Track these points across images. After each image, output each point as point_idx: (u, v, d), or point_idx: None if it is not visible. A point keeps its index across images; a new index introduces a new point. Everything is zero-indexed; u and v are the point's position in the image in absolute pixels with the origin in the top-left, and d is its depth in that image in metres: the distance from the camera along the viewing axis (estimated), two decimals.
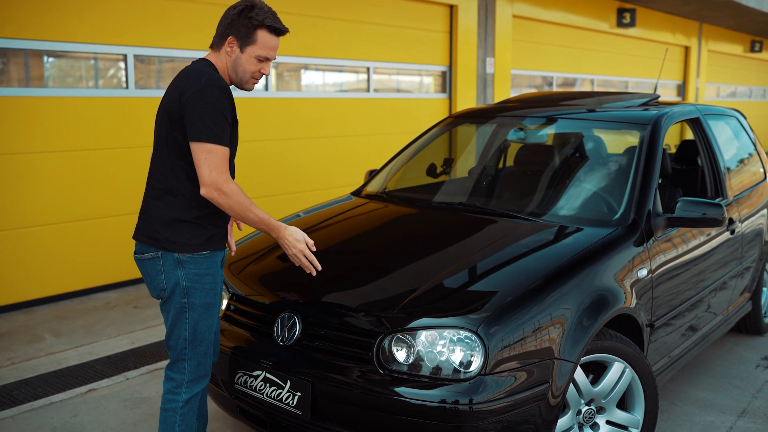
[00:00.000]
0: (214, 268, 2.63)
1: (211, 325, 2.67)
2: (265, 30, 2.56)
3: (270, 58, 2.59)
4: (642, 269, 3.18)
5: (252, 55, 2.57)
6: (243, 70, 2.59)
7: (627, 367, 2.94)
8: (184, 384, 2.66)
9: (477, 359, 2.51)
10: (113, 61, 5.82)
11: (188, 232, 2.55)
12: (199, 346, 2.65)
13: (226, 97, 2.47)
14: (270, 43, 2.58)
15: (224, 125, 2.45)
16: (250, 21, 2.53)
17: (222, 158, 2.44)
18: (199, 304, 2.60)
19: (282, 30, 2.61)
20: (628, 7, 12.45)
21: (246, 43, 2.56)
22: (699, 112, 4.33)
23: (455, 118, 4.63)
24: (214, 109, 2.43)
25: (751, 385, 4.08)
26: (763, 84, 20.67)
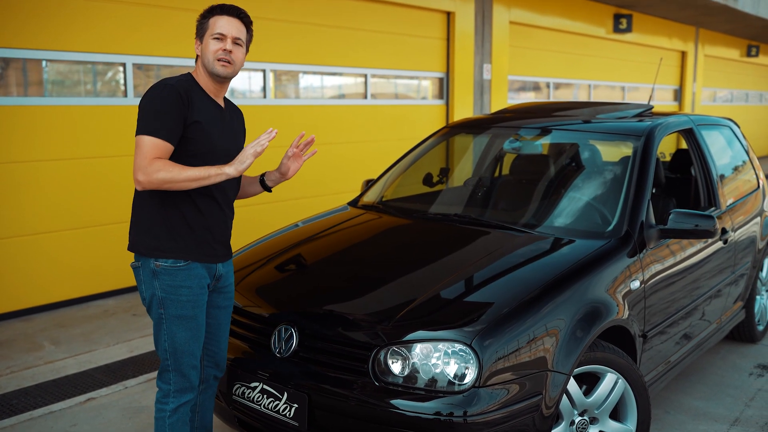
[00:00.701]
0: (192, 281, 2.63)
1: (193, 337, 2.66)
2: (215, 15, 2.67)
3: (225, 33, 2.63)
4: (634, 280, 3.22)
5: (209, 38, 2.65)
6: (205, 55, 2.64)
7: (619, 378, 2.98)
8: (171, 394, 2.71)
9: (471, 372, 2.55)
10: (112, 70, 5.86)
11: (162, 236, 2.60)
12: (180, 358, 2.67)
13: (169, 92, 2.52)
14: (220, 21, 2.65)
15: (162, 118, 2.49)
16: (202, 16, 2.68)
17: (151, 147, 2.47)
18: (174, 315, 2.62)
19: (230, 8, 2.68)
20: (624, 12, 12.50)
21: (203, 33, 2.67)
22: (692, 122, 4.38)
23: (451, 128, 4.67)
24: (150, 104, 2.52)
25: (744, 394, 4.12)
26: (759, 88, 20.75)
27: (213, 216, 2.68)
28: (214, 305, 2.81)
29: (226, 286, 2.83)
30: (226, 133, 2.73)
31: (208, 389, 2.92)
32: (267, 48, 6.90)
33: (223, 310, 2.85)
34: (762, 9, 14.07)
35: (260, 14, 6.76)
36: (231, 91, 6.84)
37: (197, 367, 2.73)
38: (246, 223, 6.61)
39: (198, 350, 2.71)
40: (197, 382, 2.75)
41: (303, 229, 3.83)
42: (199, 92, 2.65)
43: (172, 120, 2.50)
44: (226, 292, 2.84)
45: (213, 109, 2.68)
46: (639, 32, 13.30)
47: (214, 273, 2.74)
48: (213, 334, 2.84)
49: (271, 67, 7.03)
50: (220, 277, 2.77)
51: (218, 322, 2.84)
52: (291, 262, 3.43)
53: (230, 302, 2.88)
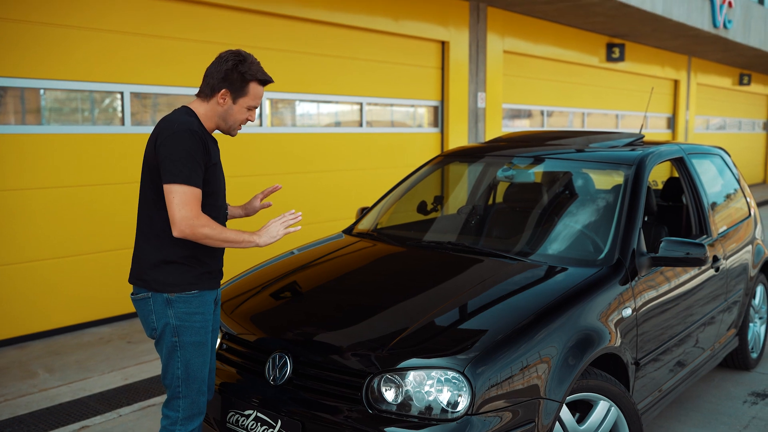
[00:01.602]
0: (204, 307, 2.72)
1: (204, 362, 2.74)
2: (256, 83, 2.72)
3: (257, 106, 2.77)
4: (626, 308, 3.24)
5: (243, 105, 2.73)
6: (234, 119, 2.75)
7: (612, 406, 2.99)
8: (179, 421, 2.73)
9: (464, 399, 2.56)
10: (110, 98, 5.92)
11: (176, 272, 2.66)
12: (192, 384, 2.72)
13: (196, 140, 2.59)
14: (259, 93, 2.75)
15: (194, 167, 2.56)
16: (243, 75, 2.68)
17: (192, 198, 2.55)
18: (190, 342, 2.68)
19: (269, 81, 2.78)
20: (617, 42, 12.67)
21: (239, 95, 2.71)
22: (683, 151, 4.43)
23: (445, 157, 4.72)
24: (182, 152, 2.55)
25: (738, 422, 4.13)
26: (752, 116, 20.95)
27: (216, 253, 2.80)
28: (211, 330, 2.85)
29: (216, 309, 2.90)
30: (222, 173, 2.83)
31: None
32: None
33: (214, 333, 2.89)
34: (752, 38, 14.28)
35: (257, 43, 6.85)
36: None
37: (205, 392, 2.79)
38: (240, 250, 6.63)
39: (206, 375, 2.78)
40: (205, 407, 2.80)
41: (298, 257, 3.86)
42: (208, 134, 2.74)
43: (200, 167, 2.60)
44: (217, 314, 2.92)
45: (217, 148, 2.79)
46: (632, 61, 13.47)
47: (215, 298, 2.84)
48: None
49: (267, 96, 7.10)
50: (217, 301, 2.87)
51: (212, 345, 2.89)
52: (286, 290, 3.46)
53: (217, 326, 2.94)
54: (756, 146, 21.35)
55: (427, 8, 8.66)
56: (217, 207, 2.76)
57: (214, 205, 2.74)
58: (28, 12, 5.27)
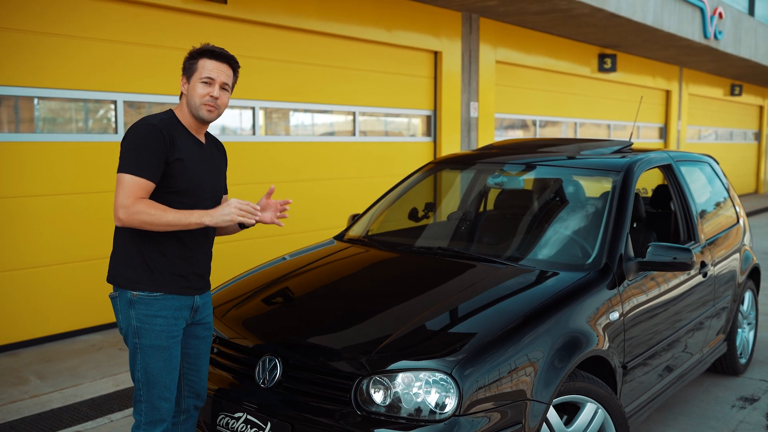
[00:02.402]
0: (167, 311, 2.67)
1: (166, 368, 2.68)
2: (204, 58, 2.71)
3: (213, 78, 2.70)
4: (614, 312, 3.28)
5: (197, 81, 2.70)
6: (192, 97, 2.70)
7: (599, 408, 3.02)
8: (142, 425, 2.72)
9: (451, 401, 2.59)
10: (103, 107, 5.95)
11: (140, 269, 2.65)
12: (152, 389, 2.68)
13: (152, 131, 2.58)
14: (209, 65, 2.70)
15: (143, 158, 2.55)
16: (191, 56, 2.73)
17: (133, 186, 2.53)
18: (149, 345, 2.65)
19: (221, 54, 2.73)
20: (608, 52, 12.78)
21: (190, 74, 2.72)
22: (671, 158, 4.49)
23: (436, 164, 4.76)
24: (132, 144, 2.57)
25: (725, 426, 4.16)
26: (743, 126, 21.10)
27: (193, 248, 2.74)
28: (193, 335, 2.84)
29: (205, 317, 2.87)
30: (207, 169, 2.79)
31: (189, 419, 2.93)
32: (257, 86, 7.02)
33: (202, 341, 2.87)
34: (743, 49, 14.40)
35: (250, 53, 6.90)
36: (221, 127, 6.94)
37: (169, 399, 2.72)
38: (234, 258, 6.66)
39: (171, 383, 2.71)
40: (169, 415, 2.74)
41: (289, 263, 3.89)
42: (181, 130, 2.72)
43: (154, 159, 2.57)
44: (205, 323, 2.88)
45: (194, 146, 2.74)
46: (623, 71, 13.57)
47: (192, 305, 2.77)
48: (193, 364, 2.87)
49: (260, 105, 7.14)
50: (198, 308, 2.80)
51: (198, 352, 2.87)
52: (277, 295, 3.48)
53: (209, 332, 2.91)
54: (748, 156, 21.48)
55: (420, 19, 8.73)
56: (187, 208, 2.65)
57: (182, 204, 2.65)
58: (23, 21, 5.31)
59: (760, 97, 21.54)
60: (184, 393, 2.89)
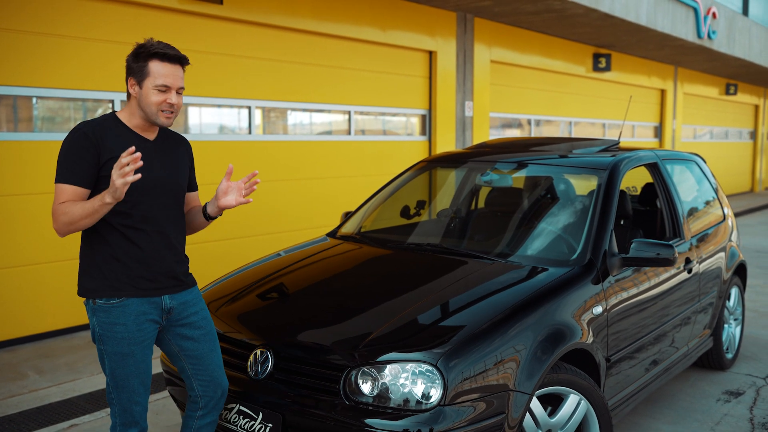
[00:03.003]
0: (127, 318, 2.60)
1: (132, 374, 2.64)
2: (155, 60, 2.58)
3: (169, 86, 2.59)
4: (597, 306, 3.37)
5: (150, 87, 2.58)
6: (147, 104, 2.60)
7: (582, 400, 3.11)
8: (117, 427, 2.72)
9: (437, 391, 2.68)
10: (102, 107, 6.03)
11: (96, 277, 2.61)
12: (121, 393, 2.66)
13: (79, 137, 2.52)
14: (163, 71, 2.57)
15: (69, 165, 2.50)
16: (139, 56, 2.58)
17: (60, 194, 2.51)
18: (112, 352, 2.61)
19: (173, 56, 2.60)
20: (603, 52, 12.87)
21: (141, 78, 2.59)
22: (657, 157, 4.57)
23: (428, 162, 4.85)
24: (61, 152, 2.54)
25: (710, 419, 4.25)
26: (738, 125, 21.20)
27: (148, 248, 2.65)
28: (183, 337, 2.79)
29: (187, 317, 2.78)
30: (154, 165, 2.66)
31: (206, 416, 2.89)
32: (253, 86, 7.10)
33: (197, 342, 2.81)
34: (737, 49, 14.50)
35: (246, 53, 6.99)
36: (219, 126, 7.03)
37: (140, 403, 2.69)
38: (228, 256, 6.75)
39: (139, 386, 2.67)
40: (141, 417, 2.72)
41: (283, 259, 3.97)
42: (119, 130, 2.61)
43: (82, 163, 2.51)
44: (191, 322, 2.79)
45: (133, 142, 2.61)
46: (618, 71, 13.66)
47: (160, 306, 2.69)
48: (198, 365, 2.83)
49: (256, 104, 7.23)
50: (170, 309, 2.72)
51: (198, 353, 2.81)
52: (270, 291, 3.57)
53: (203, 332, 2.82)
54: (743, 155, 21.59)
55: (415, 18, 8.81)
56: (125, 212, 2.59)
57: (120, 210, 2.57)
58: (22, 22, 5.39)
59: (755, 97, 21.64)
60: (199, 392, 2.86)
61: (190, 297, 2.81)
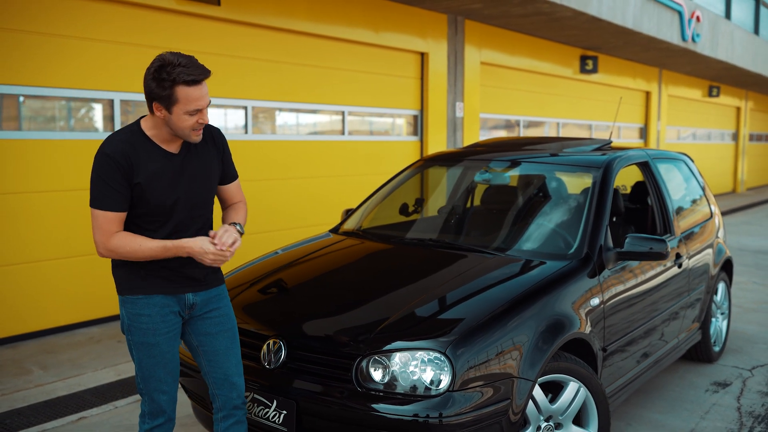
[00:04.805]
0: (152, 309, 2.70)
1: (157, 363, 2.73)
2: (182, 86, 2.49)
3: (201, 108, 2.56)
4: (595, 298, 3.51)
5: (180, 113, 2.54)
6: (179, 128, 2.58)
7: (581, 387, 3.25)
8: (146, 415, 2.83)
9: (445, 378, 2.80)
10: (103, 106, 6.10)
11: (122, 274, 2.72)
12: (148, 383, 2.75)
13: (108, 162, 2.52)
14: (192, 95, 2.51)
15: (104, 189, 2.53)
16: (163, 83, 2.47)
17: (102, 221, 2.56)
18: (138, 342, 2.72)
19: (199, 79, 2.52)
20: (590, 54, 13.07)
21: (169, 104, 2.51)
22: (648, 156, 4.73)
23: (426, 161, 4.97)
24: (93, 174, 2.56)
25: (699, 408, 4.41)
26: (722, 127, 21.53)
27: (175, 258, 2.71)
28: (202, 332, 2.85)
29: (209, 312, 2.85)
30: (181, 180, 2.68)
31: (228, 417, 2.92)
32: (249, 86, 7.20)
33: (214, 337, 2.86)
34: (720, 52, 14.76)
35: (243, 53, 7.08)
36: None
37: (167, 392, 2.78)
38: None
39: (166, 376, 2.76)
40: (168, 407, 2.80)
41: (288, 254, 4.08)
42: (146, 147, 2.61)
43: (116, 189, 2.54)
44: (212, 317, 2.85)
45: (162, 160, 2.64)
46: (604, 73, 13.87)
47: (184, 302, 2.78)
48: (213, 361, 2.88)
49: (252, 104, 7.32)
50: (193, 305, 2.80)
51: (214, 349, 2.86)
52: (279, 283, 3.67)
53: (221, 328, 2.87)
54: (725, 156, 21.92)
55: (407, 20, 8.94)
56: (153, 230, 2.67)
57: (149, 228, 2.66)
58: (25, 22, 5.46)
59: (737, 99, 21.98)
60: (214, 390, 2.91)
61: (213, 294, 2.88)
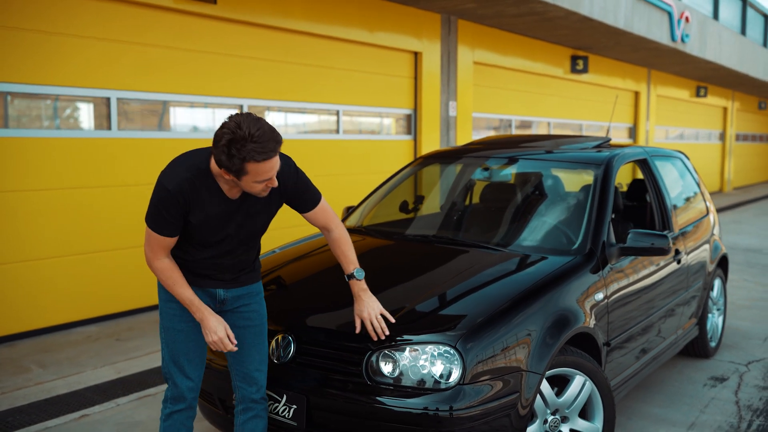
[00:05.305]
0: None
1: (182, 350, 2.83)
2: (253, 162, 2.48)
3: (270, 177, 2.57)
4: (599, 293, 3.54)
5: (250, 182, 2.56)
6: (246, 189, 2.63)
7: (587, 380, 3.27)
8: (169, 399, 2.89)
9: (456, 371, 2.82)
10: (98, 104, 6.08)
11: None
12: (172, 367, 2.85)
13: (168, 196, 2.60)
14: (262, 169, 2.51)
15: (159, 218, 2.63)
16: (233, 159, 2.47)
17: (152, 240, 2.69)
18: (166, 326, 2.85)
19: (270, 155, 2.49)
20: (580, 54, 13.15)
21: (239, 175, 2.53)
22: (647, 153, 4.77)
23: (425, 159, 4.99)
24: (154, 200, 2.65)
25: (699, 402, 4.45)
26: (708, 127, 21.71)
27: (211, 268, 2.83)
28: (232, 325, 2.92)
29: (239, 306, 2.92)
30: (233, 222, 2.75)
31: (247, 411, 2.98)
32: (245, 84, 7.19)
33: (241, 330, 2.92)
34: (708, 52, 14.89)
35: (238, 52, 7.08)
36: (211, 125, 7.10)
37: (190, 379, 2.86)
38: None
39: (189, 364, 2.85)
40: (190, 394, 2.87)
41: (292, 250, 4.08)
42: (208, 189, 2.66)
43: (171, 220, 2.64)
44: (241, 312, 2.93)
45: (217, 207, 2.69)
46: (595, 73, 13.96)
47: (215, 296, 2.87)
48: (237, 353, 2.93)
49: (248, 103, 7.31)
50: (224, 300, 2.89)
51: (243, 342, 2.92)
52: (284, 279, 3.68)
53: (249, 323, 2.93)
54: (712, 156, 22.11)
55: (401, 20, 8.97)
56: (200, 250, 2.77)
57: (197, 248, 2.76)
58: (24, 20, 5.43)
59: (723, 99, 22.18)
60: (237, 383, 2.97)
61: (246, 291, 2.95)
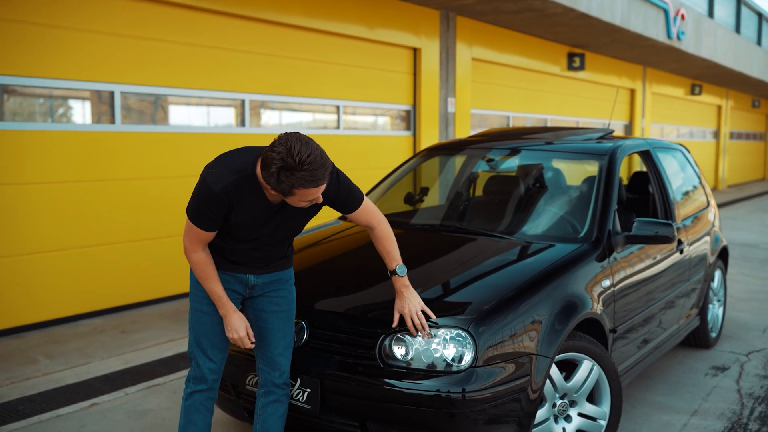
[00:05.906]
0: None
1: (207, 333, 2.89)
2: (301, 188, 2.55)
3: (316, 199, 2.64)
4: (606, 280, 3.60)
5: (296, 200, 2.63)
6: (291, 204, 2.68)
7: (595, 365, 3.33)
8: (191, 379, 2.95)
9: (468, 354, 2.87)
10: (103, 98, 6.11)
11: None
12: (195, 349, 2.92)
13: (212, 198, 2.64)
14: (308, 194, 2.59)
15: (201, 215, 2.68)
16: (282, 184, 2.54)
17: (191, 232, 2.75)
18: (194, 308, 2.93)
19: (316, 181, 2.54)
20: (577, 51, 13.22)
21: (286, 195, 2.60)
22: (649, 145, 4.83)
23: (429, 151, 5.04)
24: (196, 197, 2.69)
25: (701, 390, 4.52)
26: (702, 125, 21.83)
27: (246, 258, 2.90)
28: (258, 308, 2.98)
29: (269, 291, 2.97)
30: (265, 225, 2.80)
31: (268, 394, 3.03)
32: (246, 79, 7.23)
33: (269, 315, 2.97)
34: (704, 50, 14.99)
35: (240, 47, 7.11)
36: (211, 119, 7.13)
37: (213, 361, 2.91)
38: None
39: (212, 347, 2.91)
40: (211, 377, 2.93)
41: (301, 239, 4.12)
42: (253, 193, 2.70)
43: (214, 219, 2.70)
44: (270, 297, 2.97)
45: (259, 210, 2.74)
46: (591, 70, 14.04)
47: (245, 281, 2.92)
48: (263, 337, 2.99)
49: (250, 98, 7.35)
50: (254, 286, 2.94)
51: (267, 326, 2.97)
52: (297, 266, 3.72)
53: (278, 308, 2.98)
54: (707, 153, 22.23)
55: (400, 16, 9.01)
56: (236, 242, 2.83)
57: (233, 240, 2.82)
58: (27, 13, 5.46)
59: (718, 97, 22.31)
60: (261, 366, 3.02)
61: (276, 278, 3.00)
